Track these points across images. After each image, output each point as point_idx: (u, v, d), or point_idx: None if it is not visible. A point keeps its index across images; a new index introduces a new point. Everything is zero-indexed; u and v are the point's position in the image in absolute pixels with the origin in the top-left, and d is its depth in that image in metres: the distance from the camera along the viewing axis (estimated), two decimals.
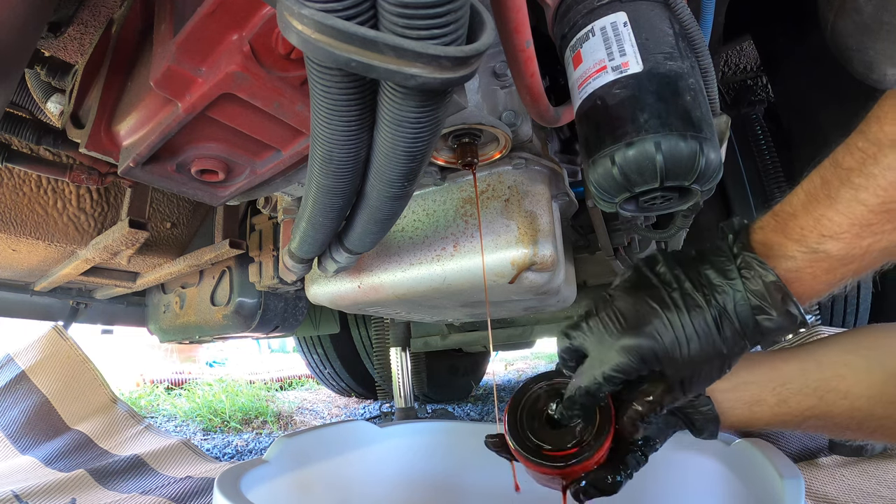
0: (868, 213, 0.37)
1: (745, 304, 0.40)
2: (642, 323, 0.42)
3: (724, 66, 1.52)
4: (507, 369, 4.61)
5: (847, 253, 0.38)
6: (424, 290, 0.77)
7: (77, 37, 0.74)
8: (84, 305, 1.90)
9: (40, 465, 1.40)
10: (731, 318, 0.41)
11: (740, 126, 1.45)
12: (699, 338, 0.41)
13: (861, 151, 0.37)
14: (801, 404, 0.49)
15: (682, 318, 0.41)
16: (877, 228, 0.37)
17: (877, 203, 0.36)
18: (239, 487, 0.55)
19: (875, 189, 0.36)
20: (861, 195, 0.37)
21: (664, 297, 0.42)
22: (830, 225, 0.38)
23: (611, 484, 0.46)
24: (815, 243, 0.39)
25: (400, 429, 0.91)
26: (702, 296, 0.42)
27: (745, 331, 0.41)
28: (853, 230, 0.37)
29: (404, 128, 0.39)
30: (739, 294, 0.41)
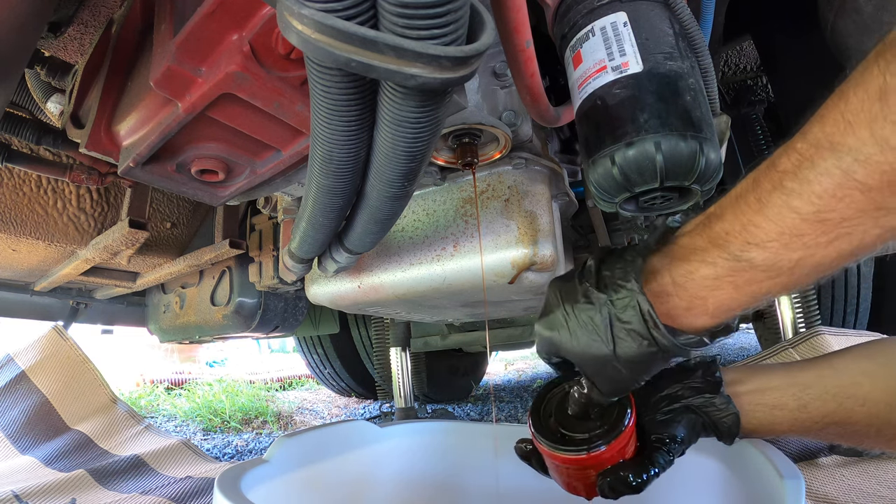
0: (800, 223, 0.32)
1: (636, 311, 0.40)
2: (547, 311, 0.46)
3: (724, 66, 1.52)
4: (507, 369, 4.61)
5: (773, 264, 0.34)
6: (424, 290, 0.77)
7: (77, 37, 0.74)
8: (84, 305, 1.90)
9: (40, 465, 1.40)
10: (622, 321, 0.41)
11: (740, 126, 1.45)
12: (586, 335, 0.42)
13: (798, 153, 0.32)
14: (820, 409, 0.49)
15: (575, 311, 0.43)
16: (809, 240, 0.32)
17: (810, 212, 0.32)
18: (239, 487, 0.55)
19: (809, 196, 0.31)
20: (793, 202, 0.32)
21: (571, 290, 0.44)
22: (757, 232, 0.34)
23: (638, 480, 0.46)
24: (738, 250, 0.35)
25: (400, 429, 0.91)
26: (597, 294, 0.42)
27: (638, 337, 0.40)
28: (782, 240, 0.33)
29: (404, 128, 0.39)
30: (632, 300, 0.40)
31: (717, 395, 0.51)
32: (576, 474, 0.50)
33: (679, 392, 0.52)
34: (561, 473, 0.51)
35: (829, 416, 0.49)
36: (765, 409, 0.51)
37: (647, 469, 0.47)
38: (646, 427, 0.51)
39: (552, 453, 0.49)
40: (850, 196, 0.30)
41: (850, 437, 0.50)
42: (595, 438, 0.47)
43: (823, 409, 0.49)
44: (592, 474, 0.48)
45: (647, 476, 0.47)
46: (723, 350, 4.22)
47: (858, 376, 0.48)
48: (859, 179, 0.30)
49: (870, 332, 1.25)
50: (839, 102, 0.31)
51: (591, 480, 0.49)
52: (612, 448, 0.47)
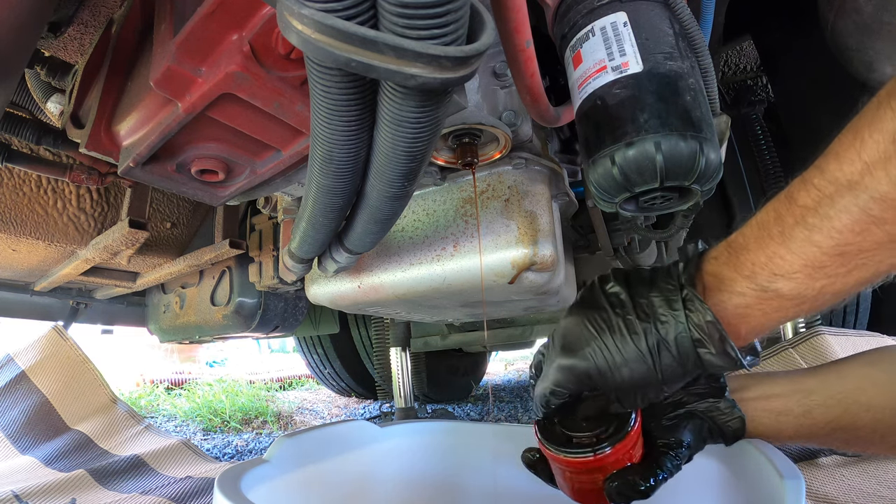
0: (821, 256, 0.35)
1: (687, 335, 0.41)
2: (580, 344, 0.45)
3: (724, 66, 1.52)
4: (507, 369, 4.61)
5: (799, 293, 0.37)
6: (424, 290, 0.77)
7: (77, 37, 0.74)
8: (84, 305, 1.90)
9: (40, 465, 1.40)
10: (669, 347, 0.41)
11: (740, 126, 1.45)
12: (634, 363, 0.43)
13: (817, 190, 0.35)
14: (825, 415, 0.49)
15: (619, 343, 0.43)
16: (830, 271, 0.35)
17: (831, 245, 0.34)
18: (239, 487, 0.55)
19: (830, 231, 0.34)
20: (815, 237, 0.35)
21: (607, 319, 0.44)
22: (783, 264, 0.37)
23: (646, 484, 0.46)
24: (766, 281, 0.38)
25: (400, 429, 0.91)
26: (642, 323, 0.42)
27: (684, 361, 0.41)
28: (806, 271, 0.36)
29: (404, 128, 0.39)
30: (682, 326, 0.41)
31: (721, 399, 0.51)
32: (583, 479, 0.50)
33: (683, 398, 0.52)
34: (567, 479, 0.51)
35: (833, 422, 0.49)
36: (770, 415, 0.52)
37: (654, 473, 0.47)
38: (652, 433, 0.51)
39: (558, 457, 0.49)
40: (867, 230, 0.33)
41: (855, 443, 0.50)
42: (601, 440, 0.47)
43: (828, 415, 0.49)
44: (600, 479, 0.48)
45: (655, 480, 0.47)
46: None
47: (863, 382, 0.48)
48: (876, 216, 0.33)
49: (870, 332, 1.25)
50: (855, 142, 0.34)
51: (599, 486, 0.48)
52: (619, 450, 0.47)
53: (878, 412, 0.47)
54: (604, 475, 0.48)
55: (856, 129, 0.34)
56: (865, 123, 0.33)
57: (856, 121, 0.34)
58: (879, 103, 0.33)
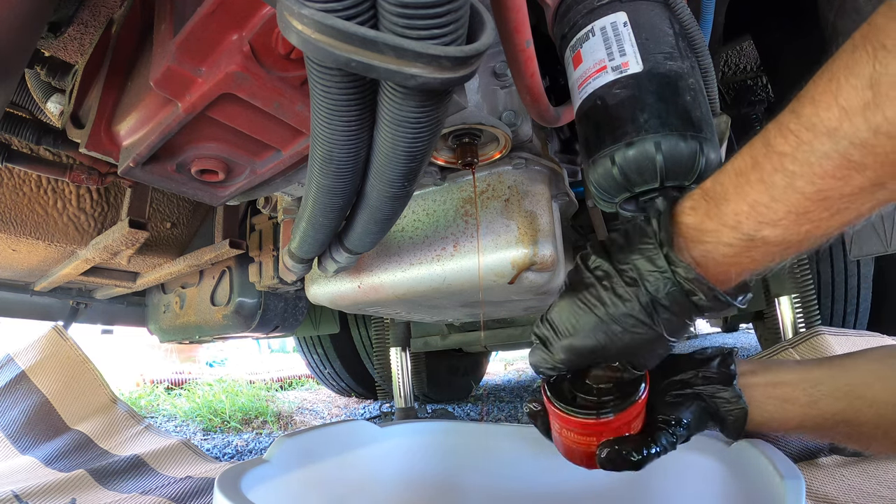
0: (805, 201, 0.35)
1: (677, 288, 0.41)
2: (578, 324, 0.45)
3: (724, 66, 1.52)
4: (507, 369, 4.61)
5: (785, 239, 0.37)
6: (424, 290, 0.77)
7: (77, 37, 0.74)
8: (84, 305, 1.90)
9: (40, 465, 1.40)
10: (663, 302, 0.42)
11: (740, 126, 1.45)
12: (634, 328, 0.43)
13: (794, 136, 0.35)
14: (831, 407, 0.50)
15: (615, 313, 0.43)
16: (814, 216, 0.35)
17: (813, 191, 0.34)
18: (239, 487, 0.55)
19: (811, 177, 0.34)
20: (797, 183, 0.35)
21: (597, 294, 0.45)
22: (767, 212, 0.37)
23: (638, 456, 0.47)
24: (752, 230, 0.38)
25: (401, 428, 0.91)
26: (631, 287, 0.43)
27: (681, 310, 0.42)
28: (790, 217, 0.36)
29: (404, 128, 0.39)
30: (670, 280, 0.41)
31: (728, 387, 0.51)
32: (579, 440, 0.50)
33: (691, 379, 0.52)
34: (563, 437, 0.51)
35: (838, 415, 0.49)
36: (776, 402, 0.52)
37: (648, 446, 0.47)
38: (654, 407, 0.51)
39: (560, 413, 0.49)
40: (848, 176, 0.33)
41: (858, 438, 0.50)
42: (606, 405, 0.47)
43: (833, 407, 0.49)
44: (595, 443, 0.48)
45: (647, 453, 0.47)
46: None
47: (869, 377, 0.48)
48: (856, 161, 0.32)
49: (870, 332, 1.25)
50: (830, 85, 0.33)
51: (592, 450, 0.49)
52: (621, 418, 0.47)
53: (882, 408, 0.47)
54: (599, 440, 0.48)
55: (831, 73, 0.33)
56: (841, 66, 0.32)
57: (830, 63, 0.34)
58: (855, 46, 0.32)
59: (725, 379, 0.52)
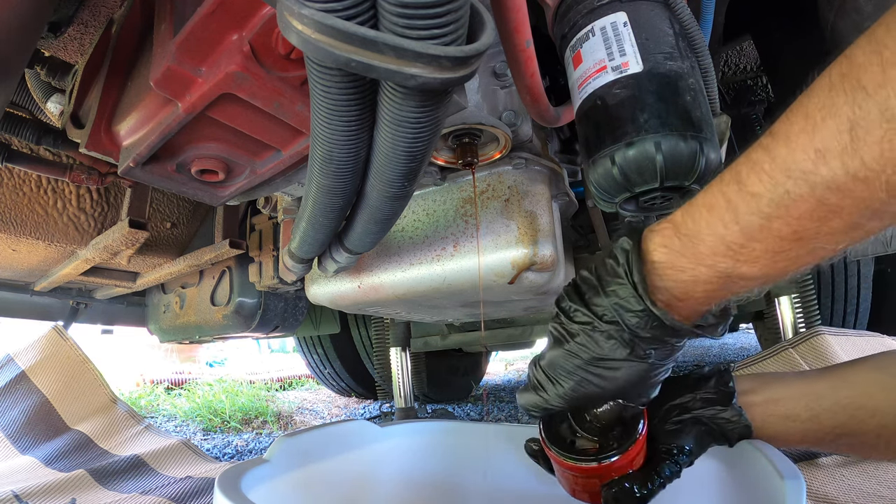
0: (781, 242, 0.35)
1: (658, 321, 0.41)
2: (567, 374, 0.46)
3: (724, 66, 1.52)
4: (507, 369, 4.61)
5: (763, 273, 0.37)
6: (424, 290, 0.77)
7: (77, 37, 0.74)
8: (84, 305, 1.90)
9: (40, 465, 1.40)
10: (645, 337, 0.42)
11: (740, 126, 1.45)
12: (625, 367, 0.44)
13: (769, 176, 0.34)
14: (831, 420, 0.49)
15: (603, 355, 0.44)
16: (791, 254, 0.36)
17: (789, 232, 0.34)
18: (239, 486, 0.55)
19: (787, 220, 0.34)
20: (773, 224, 0.34)
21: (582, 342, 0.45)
22: (744, 251, 0.37)
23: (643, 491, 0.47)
24: (729, 269, 0.38)
25: (401, 428, 0.91)
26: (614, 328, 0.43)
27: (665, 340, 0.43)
28: (767, 255, 0.36)
29: (404, 128, 0.39)
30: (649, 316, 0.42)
31: (728, 407, 0.51)
32: (583, 482, 0.50)
33: (690, 402, 0.52)
34: (567, 479, 0.51)
35: (839, 427, 0.49)
36: (777, 419, 0.52)
37: (652, 479, 0.47)
38: (655, 436, 0.51)
39: (561, 461, 0.49)
40: (825, 218, 0.33)
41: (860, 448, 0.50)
42: (607, 448, 0.47)
43: (834, 421, 0.49)
44: (598, 484, 0.48)
45: (652, 487, 0.47)
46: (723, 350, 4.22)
47: (871, 387, 0.48)
48: (833, 204, 0.32)
49: (870, 332, 1.25)
50: (806, 126, 0.32)
51: (596, 489, 0.49)
52: (624, 458, 0.47)
53: (884, 418, 0.47)
54: (602, 481, 0.48)
55: (806, 111, 0.33)
56: (817, 106, 0.32)
57: (805, 101, 0.33)
58: (832, 85, 0.31)
59: (725, 398, 0.51)
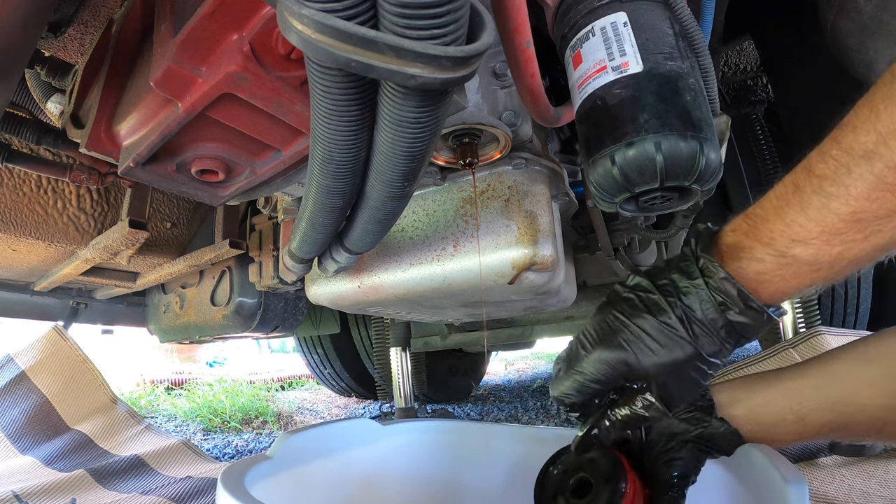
0: (838, 222, 0.37)
1: (710, 300, 0.42)
2: (611, 334, 0.45)
3: (724, 66, 1.52)
4: (507, 369, 4.61)
5: (816, 259, 0.38)
6: (424, 290, 0.77)
7: (77, 37, 0.74)
8: (84, 305, 1.90)
9: (40, 465, 1.40)
10: (697, 314, 0.42)
11: (740, 126, 1.45)
12: (667, 341, 0.43)
13: (834, 160, 0.37)
14: (819, 420, 0.50)
15: (647, 324, 0.43)
16: (846, 237, 0.37)
17: (847, 212, 0.36)
18: (243, 483, 0.55)
19: (846, 199, 0.36)
20: (832, 204, 0.37)
21: (633, 305, 0.45)
22: (800, 230, 0.38)
23: None
24: (783, 247, 0.39)
25: (404, 427, 0.91)
26: (667, 298, 0.43)
27: (715, 327, 0.42)
28: (823, 237, 0.37)
29: (404, 128, 0.39)
30: (703, 292, 0.42)
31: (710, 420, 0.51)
32: None
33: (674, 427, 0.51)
34: None
35: (827, 425, 0.49)
36: (763, 426, 0.51)
37: None
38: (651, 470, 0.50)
39: None
40: (882, 198, 0.35)
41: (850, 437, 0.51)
42: None
43: (822, 419, 0.49)
44: None
45: None
46: None
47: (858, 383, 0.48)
48: (890, 183, 0.34)
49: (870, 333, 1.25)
50: (870, 115, 0.35)
51: None
52: None
53: (875, 411, 0.47)
54: None
55: (871, 103, 0.35)
56: (880, 97, 0.35)
57: (870, 94, 0.36)
58: (893, 80, 0.34)
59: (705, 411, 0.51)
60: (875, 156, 0.34)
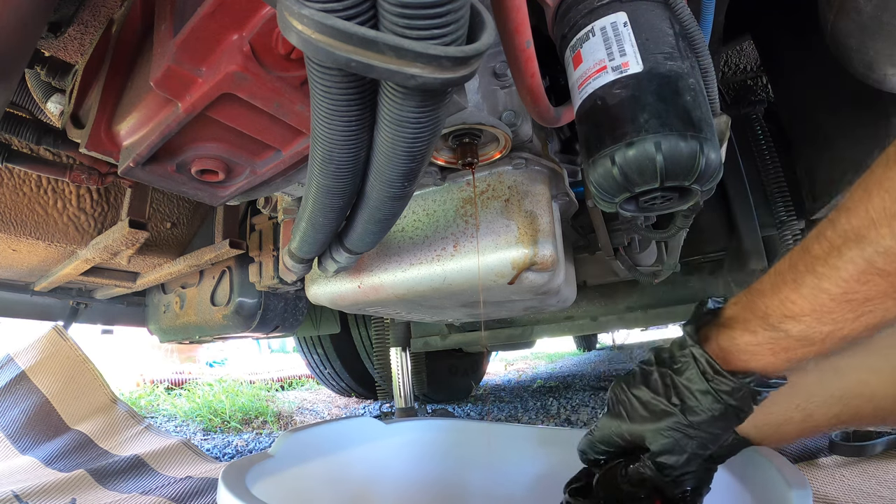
0: (829, 301, 0.38)
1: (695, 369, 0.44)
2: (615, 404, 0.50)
3: (724, 66, 1.52)
4: (507, 369, 4.61)
5: (806, 335, 0.40)
6: (424, 290, 0.77)
7: (77, 37, 0.74)
8: (84, 305, 1.90)
9: (40, 465, 1.40)
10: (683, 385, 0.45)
11: (740, 126, 1.45)
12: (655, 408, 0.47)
13: (828, 241, 0.38)
14: (826, 414, 0.51)
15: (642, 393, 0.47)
16: (837, 317, 0.38)
17: (838, 293, 0.37)
18: (244, 481, 0.55)
19: (836, 280, 0.37)
20: (823, 284, 0.38)
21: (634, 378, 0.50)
22: (793, 307, 0.40)
23: None
24: (776, 322, 0.41)
25: (406, 426, 0.91)
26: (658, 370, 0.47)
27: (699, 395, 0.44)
28: (814, 315, 0.39)
29: (404, 128, 0.39)
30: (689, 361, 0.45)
31: None
32: None
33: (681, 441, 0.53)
34: None
35: (836, 418, 0.50)
36: (771, 427, 0.53)
37: None
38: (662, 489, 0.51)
39: None
40: (872, 281, 0.36)
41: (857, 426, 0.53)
42: None
43: (830, 413, 0.50)
44: None
45: None
46: None
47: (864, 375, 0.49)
48: (880, 267, 0.35)
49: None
50: (864, 197, 0.36)
51: None
52: None
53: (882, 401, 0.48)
54: None
55: (866, 186, 0.36)
56: (875, 181, 0.36)
57: (867, 177, 0.37)
58: (888, 162, 0.35)
59: None
60: (865, 240, 0.35)
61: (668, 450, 0.46)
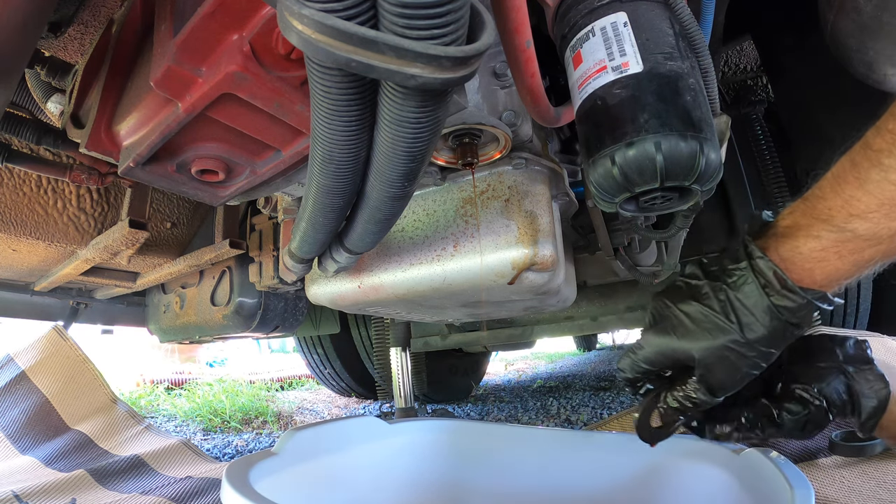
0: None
1: (754, 283, 0.42)
2: (659, 319, 0.47)
3: (724, 66, 1.52)
4: (507, 369, 4.61)
5: (874, 233, 0.38)
6: (424, 290, 0.77)
7: (77, 37, 0.74)
8: (84, 305, 1.90)
9: (40, 465, 1.40)
10: (740, 300, 0.42)
11: (740, 126, 1.45)
12: (707, 324, 0.43)
13: (891, 133, 0.36)
14: None
15: (691, 309, 0.44)
16: None
17: None
18: (247, 479, 0.55)
19: None
20: (891, 175, 0.36)
21: (679, 293, 0.46)
22: (858, 205, 0.38)
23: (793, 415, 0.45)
24: (842, 222, 0.39)
25: (409, 425, 0.91)
26: (710, 284, 0.44)
27: (757, 311, 0.42)
28: (882, 210, 0.37)
29: (404, 128, 0.39)
30: (747, 275, 0.42)
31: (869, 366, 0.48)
32: None
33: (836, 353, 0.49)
34: None
35: None
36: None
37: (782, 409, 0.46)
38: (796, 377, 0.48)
39: None
40: None
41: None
42: None
43: None
44: None
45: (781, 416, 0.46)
46: None
47: None
48: None
49: (870, 333, 1.25)
50: None
51: None
52: None
53: None
54: None
55: None
56: None
57: None
58: None
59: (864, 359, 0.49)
60: None
61: (723, 369, 0.44)
